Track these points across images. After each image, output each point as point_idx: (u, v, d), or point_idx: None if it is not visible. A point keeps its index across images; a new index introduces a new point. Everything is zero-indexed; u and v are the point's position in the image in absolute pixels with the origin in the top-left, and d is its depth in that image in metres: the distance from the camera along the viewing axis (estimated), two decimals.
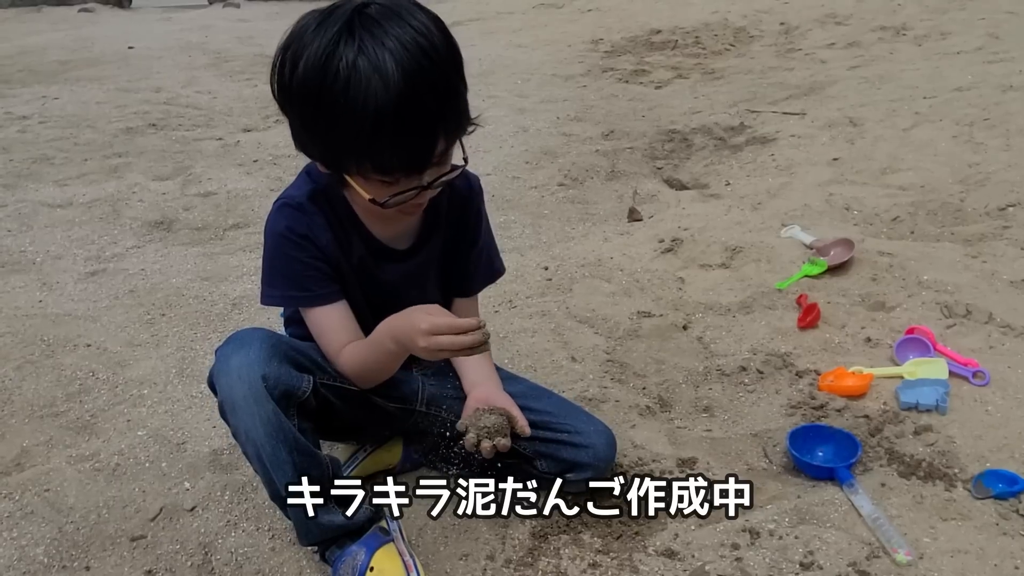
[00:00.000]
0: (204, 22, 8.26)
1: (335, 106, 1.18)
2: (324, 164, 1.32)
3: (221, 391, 1.32)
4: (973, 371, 1.87)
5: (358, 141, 1.20)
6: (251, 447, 1.32)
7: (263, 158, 3.84)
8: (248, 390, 1.29)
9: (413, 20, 1.20)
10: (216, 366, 1.34)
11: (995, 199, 2.78)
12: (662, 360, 2.09)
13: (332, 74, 1.16)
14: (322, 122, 1.21)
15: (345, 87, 1.16)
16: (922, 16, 5.66)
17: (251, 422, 1.30)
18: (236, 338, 1.35)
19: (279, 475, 1.33)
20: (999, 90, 3.83)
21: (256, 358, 1.30)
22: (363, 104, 1.16)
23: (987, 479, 1.55)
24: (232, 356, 1.31)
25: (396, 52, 1.16)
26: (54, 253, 2.88)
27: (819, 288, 2.35)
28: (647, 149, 3.80)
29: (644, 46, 6.03)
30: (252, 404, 1.29)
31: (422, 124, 1.20)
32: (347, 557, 1.40)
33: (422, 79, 1.17)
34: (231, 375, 1.29)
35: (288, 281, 1.44)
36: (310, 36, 1.20)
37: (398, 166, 1.23)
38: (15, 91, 5.31)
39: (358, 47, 1.16)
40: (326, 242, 1.42)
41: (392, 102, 1.15)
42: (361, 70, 1.15)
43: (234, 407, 1.30)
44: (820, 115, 3.93)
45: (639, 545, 1.48)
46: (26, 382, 2.07)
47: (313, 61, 1.18)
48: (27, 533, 1.56)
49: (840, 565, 1.39)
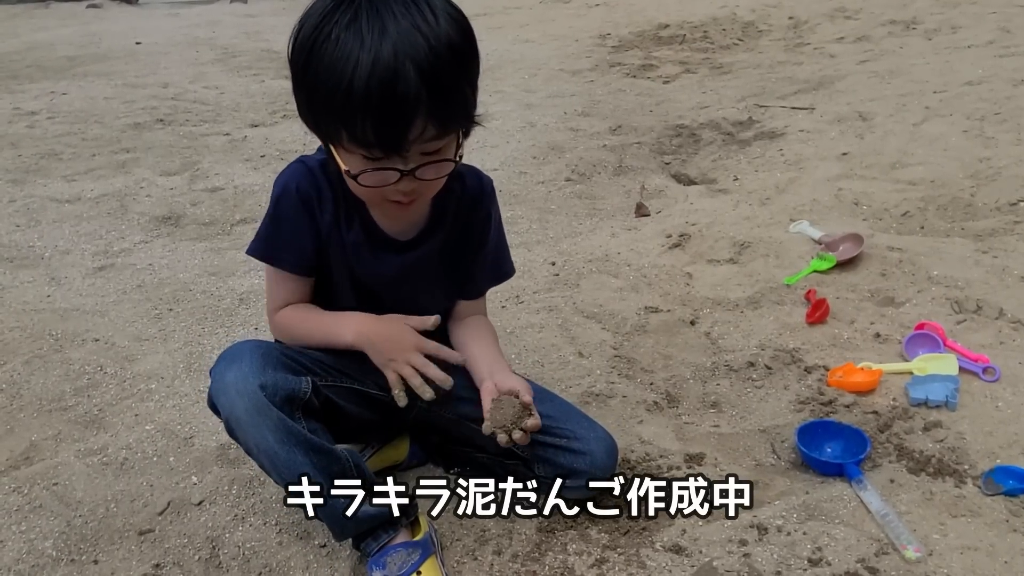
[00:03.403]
0: (211, 17, 8.27)
1: (320, 66, 1.19)
2: (316, 133, 1.32)
3: (223, 409, 1.31)
4: (983, 367, 1.86)
5: (333, 104, 1.19)
6: (265, 459, 1.31)
7: (270, 153, 3.84)
8: (249, 403, 1.28)
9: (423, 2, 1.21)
10: (212, 386, 1.33)
11: (1006, 194, 2.76)
12: (670, 355, 2.08)
13: (324, 35, 1.18)
14: (309, 84, 1.22)
15: (332, 48, 1.17)
16: (932, 10, 5.62)
17: (259, 434, 1.29)
18: (226, 355, 1.35)
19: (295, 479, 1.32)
20: (1010, 84, 3.80)
21: (250, 370, 1.30)
22: (343, 65, 1.16)
23: (997, 475, 1.54)
24: (226, 373, 1.30)
25: (389, 25, 1.17)
26: (62, 248, 2.89)
27: (828, 283, 2.33)
28: (655, 144, 3.79)
29: (652, 41, 6.01)
30: (255, 416, 1.28)
31: (397, 99, 1.18)
32: (401, 550, 1.40)
33: (410, 55, 1.16)
34: (229, 392, 1.29)
35: (276, 233, 1.44)
36: (318, 5, 1.22)
37: (373, 140, 1.21)
38: (23, 87, 5.33)
39: (354, 13, 1.18)
40: (328, 213, 1.42)
41: (368, 68, 1.15)
42: (351, 34, 1.17)
43: (239, 423, 1.29)
44: (829, 110, 3.91)
45: (646, 541, 1.47)
46: (34, 376, 2.07)
47: (311, 22, 1.21)
48: (36, 527, 1.57)
49: (849, 561, 1.38)
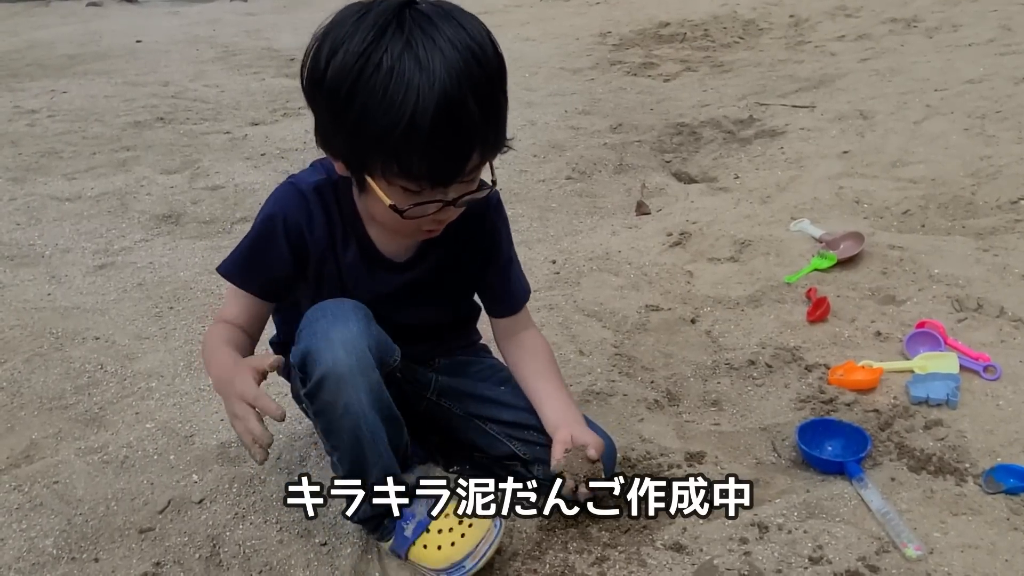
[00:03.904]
0: (212, 16, 8.26)
1: (371, 97, 1.12)
2: (346, 163, 1.27)
3: (322, 364, 1.27)
4: (984, 365, 1.85)
5: (389, 139, 1.14)
6: (349, 421, 1.30)
7: (271, 152, 3.84)
8: (355, 361, 1.27)
9: (465, 23, 1.16)
10: (311, 343, 1.28)
11: (1007, 192, 2.76)
12: (670, 354, 2.08)
13: (374, 64, 1.11)
14: (354, 115, 1.15)
15: (386, 79, 1.11)
16: (933, 8, 5.62)
17: (355, 395, 1.29)
18: (326, 312, 1.31)
19: (373, 448, 1.34)
20: (1011, 82, 3.79)
21: (359, 329, 1.29)
22: (402, 99, 1.10)
23: (998, 474, 1.54)
24: (331, 330, 1.28)
25: (447, 51, 1.11)
26: (62, 246, 2.89)
27: (829, 282, 2.33)
28: (655, 142, 3.79)
29: (652, 39, 6.01)
30: (358, 376, 1.28)
31: (461, 133, 1.15)
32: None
33: (469, 85, 1.13)
34: (335, 349, 1.26)
35: (251, 258, 1.42)
36: (352, 25, 1.15)
37: (426, 174, 1.18)
38: (24, 85, 5.33)
39: (406, 40, 1.11)
40: (320, 235, 1.40)
41: (434, 102, 1.10)
42: (406, 64, 1.10)
43: (339, 380, 1.27)
44: (830, 108, 3.91)
45: (647, 539, 1.47)
46: (35, 375, 2.07)
47: (355, 49, 1.13)
48: (36, 525, 1.57)
49: (849, 559, 1.38)
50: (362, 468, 1.37)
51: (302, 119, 4.37)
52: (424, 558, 1.42)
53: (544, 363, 1.58)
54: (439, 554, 1.40)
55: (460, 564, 1.39)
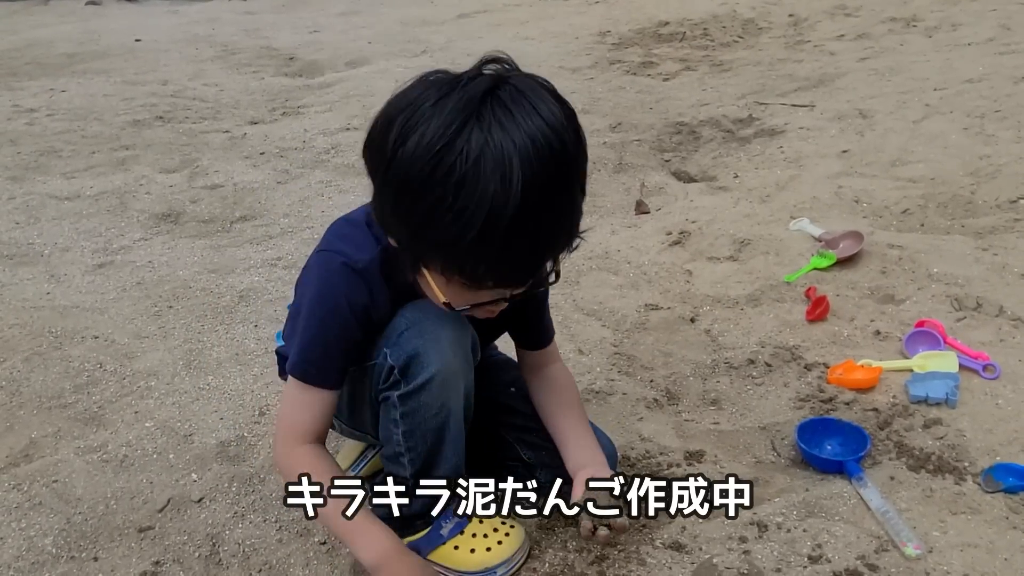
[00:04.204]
0: (211, 15, 8.25)
1: (440, 202, 1.03)
2: (401, 246, 1.18)
3: (431, 366, 1.25)
4: (983, 364, 1.86)
5: (455, 246, 1.06)
6: (440, 420, 1.31)
7: (270, 151, 3.84)
8: (463, 362, 1.29)
9: (545, 110, 1.05)
10: (419, 345, 1.26)
11: (1006, 191, 2.76)
12: (670, 353, 2.08)
13: (447, 166, 1.02)
14: (420, 213, 1.06)
15: (459, 185, 1.02)
16: (933, 7, 5.62)
17: (455, 395, 1.30)
18: (431, 312, 1.27)
19: (452, 447, 1.35)
20: (1011, 82, 3.79)
21: (463, 332, 1.29)
22: (474, 210, 1.02)
23: (997, 473, 1.54)
24: (442, 330, 1.27)
25: (523, 151, 1.02)
26: (62, 245, 2.89)
27: (828, 281, 2.33)
28: (655, 141, 3.79)
29: (652, 38, 6.00)
30: (460, 378, 1.29)
31: (533, 244, 1.09)
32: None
33: (546, 192, 1.04)
34: (445, 350, 1.27)
35: (327, 351, 1.30)
36: (428, 110, 1.05)
37: (491, 280, 1.13)
38: (23, 84, 5.33)
39: (484, 140, 1.02)
40: (384, 313, 1.30)
41: (509, 215, 1.02)
42: (481, 170, 1.01)
43: (446, 381, 1.28)
44: (829, 107, 3.91)
45: (646, 538, 1.47)
46: (34, 374, 2.07)
47: (428, 143, 1.03)
48: (35, 524, 1.57)
49: (849, 558, 1.38)
50: (434, 465, 1.37)
51: (301, 118, 4.37)
52: (453, 559, 1.41)
53: (570, 399, 1.54)
54: (472, 557, 1.40)
55: (493, 570, 1.40)
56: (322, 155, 3.75)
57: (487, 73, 1.08)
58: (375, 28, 6.96)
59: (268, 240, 2.90)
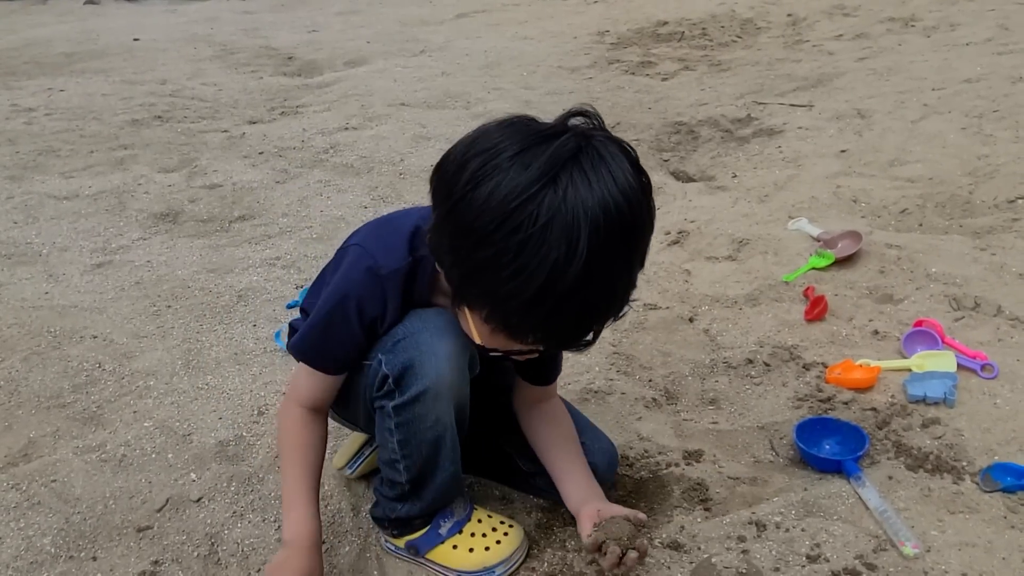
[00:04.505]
0: (209, 14, 8.25)
1: (501, 256, 1.02)
2: (450, 284, 1.16)
3: (426, 378, 1.25)
4: (981, 364, 1.86)
5: (507, 302, 1.05)
6: (435, 432, 1.31)
7: (268, 150, 3.83)
8: (458, 377, 1.28)
9: (622, 180, 1.03)
10: (415, 356, 1.25)
11: (1004, 191, 2.76)
12: (668, 352, 2.08)
13: (515, 224, 1.00)
14: (477, 261, 1.05)
15: (522, 245, 1.00)
16: (931, 7, 5.62)
17: (448, 409, 1.30)
18: (431, 323, 1.27)
19: (448, 456, 1.35)
20: (1009, 82, 3.80)
21: (461, 346, 1.27)
22: (533, 271, 1.00)
23: (995, 472, 1.54)
24: (439, 343, 1.25)
25: (594, 222, 1.00)
26: (60, 245, 2.89)
27: (826, 280, 2.33)
28: (653, 141, 3.79)
29: (650, 38, 6.00)
30: (456, 391, 1.29)
31: (585, 312, 1.08)
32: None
33: (608, 264, 1.03)
34: (440, 363, 1.25)
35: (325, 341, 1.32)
36: (506, 162, 1.02)
37: (534, 337, 1.11)
38: (21, 83, 5.32)
39: (557, 206, 0.99)
40: (393, 319, 1.30)
41: (567, 284, 1.01)
42: (548, 235, 0.99)
43: (439, 395, 1.27)
44: (828, 107, 3.91)
45: (645, 537, 1.47)
46: (33, 373, 2.07)
47: (502, 197, 1.01)
48: (34, 523, 1.57)
49: (847, 558, 1.39)
50: (430, 473, 1.37)
51: (300, 118, 4.37)
52: (451, 559, 1.41)
53: (565, 434, 1.51)
54: (471, 557, 1.40)
55: (491, 569, 1.40)
56: (321, 154, 3.75)
57: (572, 127, 1.06)
58: (374, 28, 6.96)
59: (267, 240, 2.90)
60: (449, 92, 4.65)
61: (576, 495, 1.43)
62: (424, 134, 3.95)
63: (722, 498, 1.57)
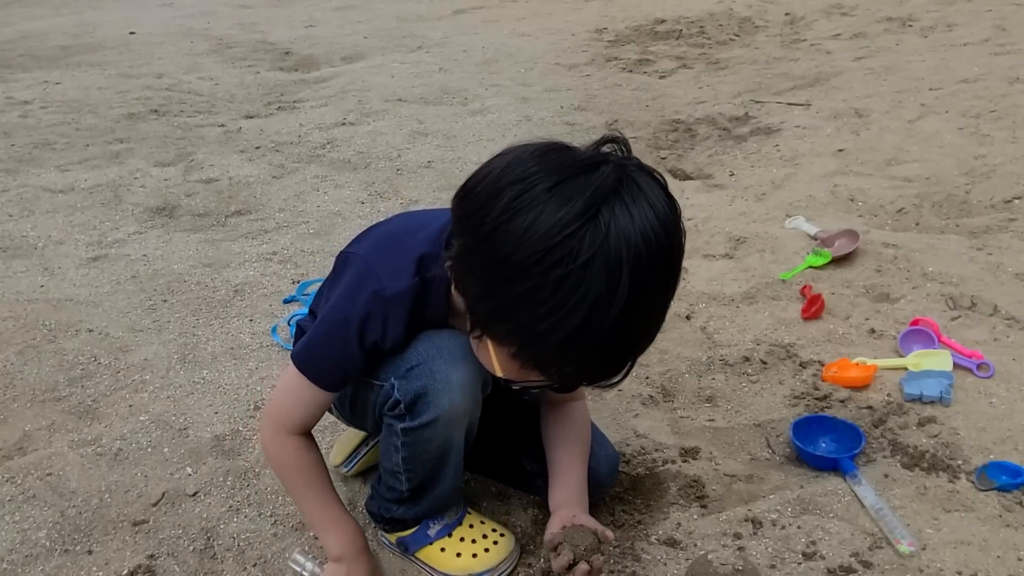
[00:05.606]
0: (206, 8, 8.21)
1: (537, 292, 0.96)
2: (473, 315, 1.10)
3: (439, 408, 1.23)
4: (977, 363, 1.86)
5: (540, 340, 1.00)
6: (439, 452, 1.31)
7: (265, 144, 3.83)
8: (471, 405, 1.27)
9: (661, 211, 0.99)
10: (429, 384, 1.23)
11: (1001, 191, 2.77)
12: (665, 350, 2.08)
13: (554, 260, 0.94)
14: (510, 296, 0.99)
15: (562, 281, 0.95)
16: (928, 7, 5.63)
17: (458, 435, 1.30)
18: (445, 350, 1.24)
19: (452, 471, 1.35)
20: (1006, 82, 3.80)
21: (475, 372, 1.24)
22: (571, 309, 0.95)
23: (991, 471, 1.55)
24: (453, 372, 1.23)
25: (637, 259, 0.95)
26: (56, 238, 2.88)
27: (823, 279, 2.34)
28: (651, 139, 3.79)
29: (648, 36, 6.00)
30: (467, 417, 1.28)
31: (621, 350, 1.04)
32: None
33: (648, 299, 1.00)
34: (455, 393, 1.23)
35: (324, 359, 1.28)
36: (542, 195, 0.96)
37: (565, 373, 1.08)
38: (16, 76, 5.29)
39: (600, 244, 0.94)
40: (395, 341, 1.25)
41: (607, 323, 0.97)
42: (590, 272, 0.94)
43: (451, 421, 1.26)
44: (825, 106, 3.91)
45: (641, 534, 1.48)
46: (28, 367, 2.06)
47: (541, 233, 0.95)
48: (29, 517, 1.56)
49: (843, 555, 1.39)
50: (430, 486, 1.37)
51: (296, 112, 4.36)
52: (438, 561, 1.41)
53: (575, 435, 1.47)
54: (456, 561, 1.40)
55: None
56: (317, 150, 3.74)
57: (609, 157, 1.02)
58: (371, 23, 6.94)
59: (263, 234, 2.89)
60: (446, 88, 4.65)
61: (561, 495, 1.41)
62: (421, 130, 3.94)
63: (718, 495, 1.57)
